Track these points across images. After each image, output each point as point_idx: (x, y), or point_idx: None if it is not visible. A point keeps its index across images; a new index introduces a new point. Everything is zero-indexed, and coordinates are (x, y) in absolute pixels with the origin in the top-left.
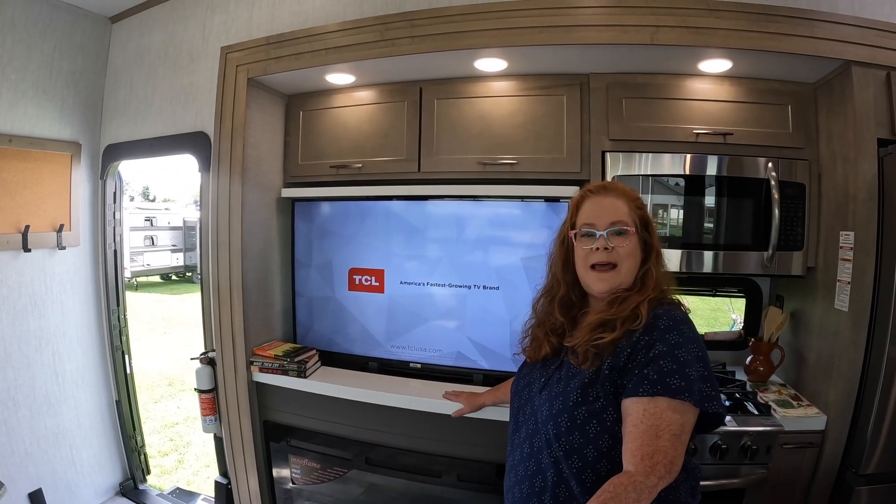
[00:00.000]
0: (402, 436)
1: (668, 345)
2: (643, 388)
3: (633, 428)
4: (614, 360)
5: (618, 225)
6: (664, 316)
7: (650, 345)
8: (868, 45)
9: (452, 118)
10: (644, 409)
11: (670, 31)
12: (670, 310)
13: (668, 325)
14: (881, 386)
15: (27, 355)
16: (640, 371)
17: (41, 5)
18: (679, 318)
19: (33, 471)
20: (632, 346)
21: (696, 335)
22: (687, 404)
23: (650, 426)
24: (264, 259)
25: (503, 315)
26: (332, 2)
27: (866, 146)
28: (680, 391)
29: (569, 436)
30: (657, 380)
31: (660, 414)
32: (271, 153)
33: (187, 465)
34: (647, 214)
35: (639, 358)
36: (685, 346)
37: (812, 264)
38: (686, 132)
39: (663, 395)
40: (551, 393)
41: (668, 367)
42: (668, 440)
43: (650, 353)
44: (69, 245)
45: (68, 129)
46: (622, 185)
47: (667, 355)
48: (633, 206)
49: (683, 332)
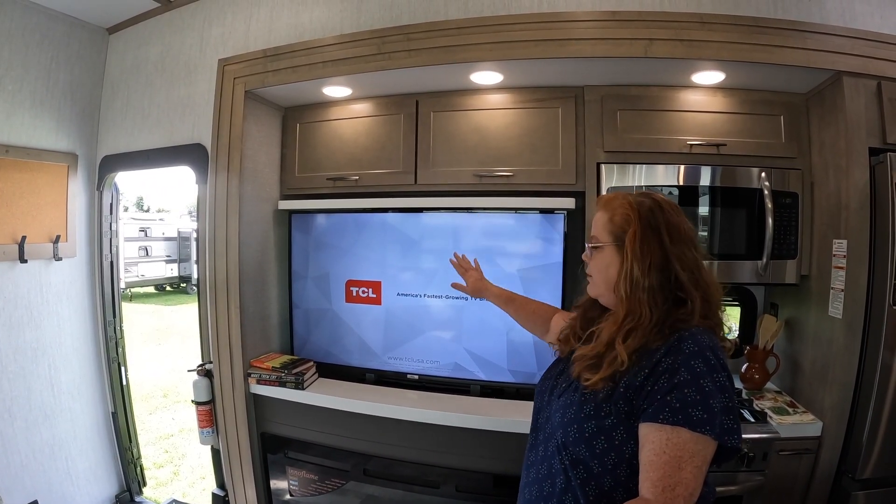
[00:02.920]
0: (400, 447)
1: (693, 373)
2: (664, 415)
3: (654, 457)
4: (630, 379)
5: (591, 241)
6: (689, 339)
7: (674, 370)
8: (859, 56)
9: (449, 131)
10: (667, 438)
11: (664, 44)
12: (696, 333)
13: (693, 351)
14: (876, 391)
15: (23, 366)
16: (663, 397)
17: (39, 16)
18: (705, 345)
19: (29, 483)
20: (651, 367)
21: (723, 364)
22: (707, 438)
23: (673, 457)
24: (261, 271)
25: (500, 326)
26: (329, 15)
27: (858, 155)
28: (702, 424)
29: (576, 447)
30: (679, 409)
31: (682, 445)
32: (268, 165)
33: (183, 476)
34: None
35: (661, 382)
36: (709, 375)
37: (806, 272)
38: (680, 143)
39: (684, 427)
40: (567, 401)
41: (692, 397)
42: (690, 472)
43: (675, 378)
44: (65, 256)
45: (65, 140)
46: (610, 196)
47: (691, 384)
48: (608, 217)
49: (709, 360)
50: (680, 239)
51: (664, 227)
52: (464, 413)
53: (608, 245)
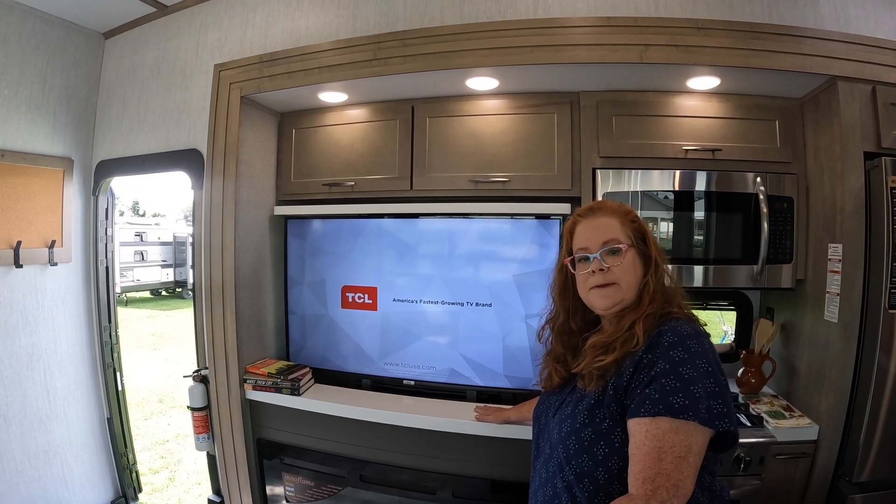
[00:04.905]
0: (396, 453)
1: (672, 362)
2: (645, 408)
3: (636, 450)
4: (618, 380)
5: (610, 244)
6: (669, 332)
7: (652, 363)
8: (853, 61)
9: (444, 136)
10: (647, 430)
11: (659, 50)
12: (677, 325)
13: (673, 342)
14: (872, 394)
15: (18, 371)
16: (643, 390)
17: (35, 20)
18: (686, 334)
19: (24, 489)
20: (634, 365)
21: (706, 350)
22: (692, 424)
23: (652, 448)
24: (257, 276)
25: (496, 332)
26: (325, 21)
27: (853, 159)
28: (683, 410)
29: (578, 458)
30: (658, 399)
31: (662, 435)
32: (264, 171)
33: (178, 482)
34: (643, 226)
35: (641, 377)
36: (690, 362)
37: (801, 276)
38: (675, 149)
39: (665, 416)
40: (562, 416)
41: (671, 385)
42: (671, 462)
43: (652, 371)
44: (61, 261)
45: (61, 145)
46: (611, 203)
47: (669, 373)
48: (625, 220)
49: (690, 348)
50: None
51: None
52: (460, 419)
53: (630, 247)
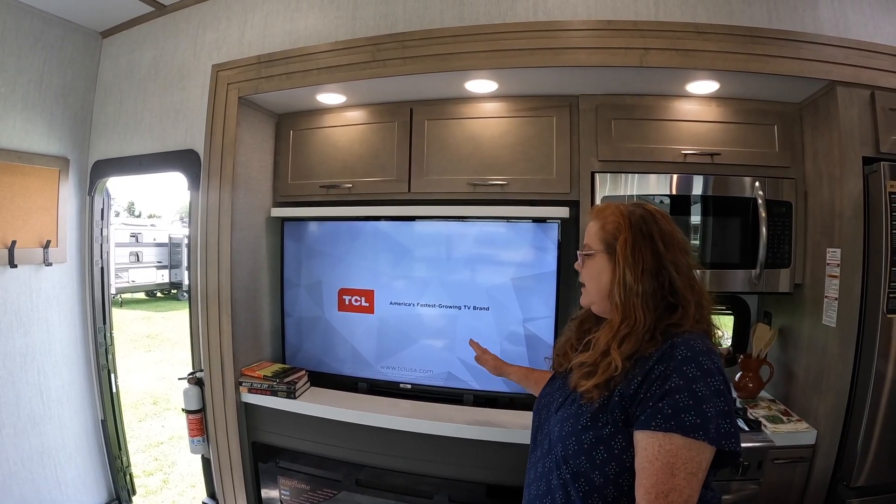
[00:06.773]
0: (393, 457)
1: (685, 378)
2: (656, 422)
3: (647, 465)
4: (624, 388)
5: (584, 249)
6: (682, 345)
7: (665, 376)
8: (852, 66)
9: (443, 139)
10: (659, 445)
11: (659, 54)
12: (690, 339)
13: (686, 357)
14: (870, 399)
15: (11, 372)
16: (655, 403)
17: (32, 19)
18: (698, 349)
19: (17, 491)
20: (644, 374)
21: (718, 367)
22: (702, 443)
23: (665, 464)
24: (253, 279)
25: (494, 335)
26: (324, 22)
27: (851, 164)
28: (695, 429)
29: (576, 459)
30: (671, 415)
31: (675, 451)
32: (261, 172)
33: (172, 485)
34: (616, 232)
35: (653, 388)
36: (703, 379)
37: (799, 281)
38: (674, 153)
39: (677, 433)
40: (564, 414)
41: (685, 402)
42: (683, 479)
43: (666, 385)
44: (56, 261)
45: (57, 144)
46: (602, 206)
47: (683, 389)
48: (600, 226)
49: (703, 365)
50: (674, 245)
51: (657, 234)
52: (457, 423)
53: (599, 252)
